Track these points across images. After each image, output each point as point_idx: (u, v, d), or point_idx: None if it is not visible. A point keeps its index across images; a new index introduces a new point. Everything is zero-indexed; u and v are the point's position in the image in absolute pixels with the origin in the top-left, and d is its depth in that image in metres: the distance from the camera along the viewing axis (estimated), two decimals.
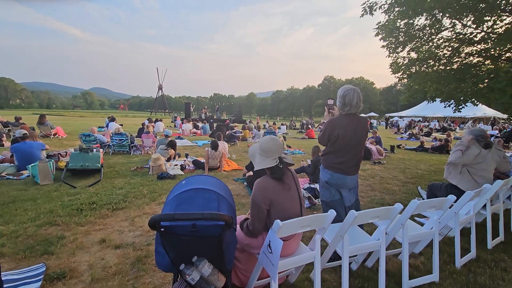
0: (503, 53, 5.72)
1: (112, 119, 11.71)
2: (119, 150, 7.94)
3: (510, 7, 5.18)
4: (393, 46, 6.04)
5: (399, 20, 5.89)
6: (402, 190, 5.01)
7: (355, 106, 2.42)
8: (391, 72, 6.86)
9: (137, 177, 5.37)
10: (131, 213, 3.58)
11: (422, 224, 2.59)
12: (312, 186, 4.74)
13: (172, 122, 25.46)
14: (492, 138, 12.79)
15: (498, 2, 5.05)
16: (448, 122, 29.24)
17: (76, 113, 46.33)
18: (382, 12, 5.76)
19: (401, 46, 6.11)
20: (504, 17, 5.50)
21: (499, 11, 5.25)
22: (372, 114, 48.72)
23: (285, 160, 1.86)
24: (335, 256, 2.19)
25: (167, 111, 59.94)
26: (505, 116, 22.32)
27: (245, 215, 2.29)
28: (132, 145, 8.01)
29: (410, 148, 10.78)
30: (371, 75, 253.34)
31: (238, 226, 2.04)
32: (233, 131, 11.45)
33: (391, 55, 6.26)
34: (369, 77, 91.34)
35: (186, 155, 7.51)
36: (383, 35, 5.89)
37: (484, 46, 5.85)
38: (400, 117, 37.01)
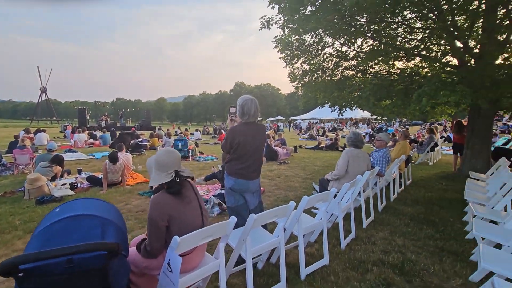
0: (369, 68, 7.22)
1: None
2: None
3: (372, 33, 6.53)
4: (288, 58, 6.79)
5: (293, 36, 6.67)
6: (302, 186, 5.65)
7: (253, 115, 2.58)
8: (289, 81, 7.69)
9: (6, 205, 4.26)
10: None
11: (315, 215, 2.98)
12: (223, 191, 4.80)
13: (61, 132, 21.43)
14: (368, 135, 15.65)
15: (363, 28, 6.33)
16: (338, 123, 34.77)
17: None
18: (278, 27, 6.41)
19: (296, 59, 6.91)
20: (368, 40, 6.94)
21: (364, 36, 6.59)
22: (279, 117, 53.30)
23: (182, 174, 1.81)
24: (242, 259, 2.27)
25: (54, 118, 50.11)
26: (374, 117, 28.16)
27: (143, 235, 2.11)
28: None
29: (310, 148, 12.33)
30: (277, 81, 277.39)
31: (134, 248, 1.86)
32: (139, 140, 10.49)
33: (287, 66, 7.01)
34: (276, 84, 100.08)
35: (79, 171, 6.44)
36: (280, 48, 6.54)
37: (356, 62, 7.23)
38: (303, 119, 41.78)
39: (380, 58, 6.62)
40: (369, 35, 6.40)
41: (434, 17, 5.36)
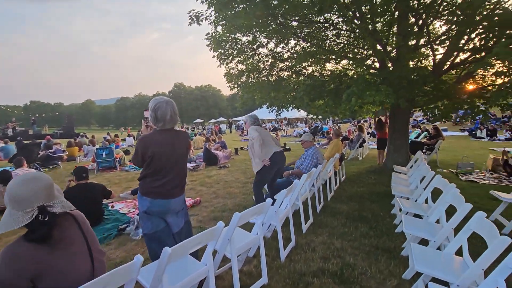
0: (302, 69, 7.37)
1: None
2: None
3: (304, 35, 6.65)
4: (223, 57, 6.45)
5: (227, 34, 6.35)
6: (242, 191, 5.36)
7: (169, 121, 2.14)
8: (226, 82, 7.36)
9: None
10: None
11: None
12: None
13: None
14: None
15: (295, 30, 6.38)
16: (278, 123, 36.00)
17: None
18: (208, 24, 6.01)
19: (230, 57, 6.61)
20: (301, 42, 7.07)
21: (296, 37, 6.67)
22: (222, 119, 52.75)
23: (52, 209, 1.27)
24: None
25: None
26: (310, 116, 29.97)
27: None
28: None
29: None
30: (218, 83, 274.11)
31: None
32: (51, 150, 8.81)
33: (222, 65, 6.67)
34: (217, 85, 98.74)
35: None
36: (213, 46, 6.16)
37: (290, 63, 7.31)
38: (245, 121, 42.03)
39: (312, 60, 6.81)
40: (301, 36, 6.51)
41: (357, 21, 5.70)
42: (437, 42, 5.17)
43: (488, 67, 4.62)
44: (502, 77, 4.45)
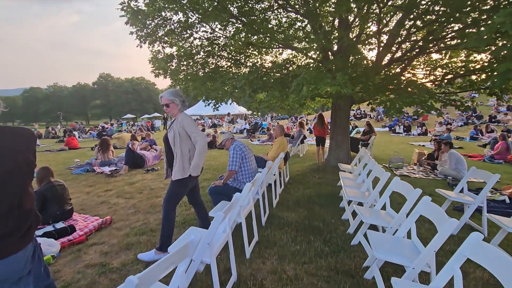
0: (242, 58, 6.62)
1: None
2: None
3: (244, 22, 5.83)
4: (143, 34, 5.21)
5: (152, 9, 5.12)
6: None
7: None
8: (151, 68, 6.09)
9: None
10: None
11: None
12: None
13: None
14: (245, 131, 15.81)
15: (234, 17, 5.51)
16: (217, 119, 34.88)
17: None
18: None
19: (154, 37, 5.41)
20: (241, 29, 6.27)
21: (234, 20, 5.84)
22: (156, 114, 48.84)
23: None
24: None
25: None
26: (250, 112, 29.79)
27: None
28: None
29: None
30: (152, 76, 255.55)
31: None
32: None
33: (142, 44, 5.41)
34: (151, 78, 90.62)
35: None
36: (129, 18, 4.88)
37: (229, 52, 6.46)
38: None
39: (252, 49, 6.13)
40: (240, 19, 5.73)
41: (302, 7, 5.21)
42: (384, 31, 4.95)
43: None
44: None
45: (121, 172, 6.48)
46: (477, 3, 3.70)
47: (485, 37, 2.87)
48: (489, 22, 3.30)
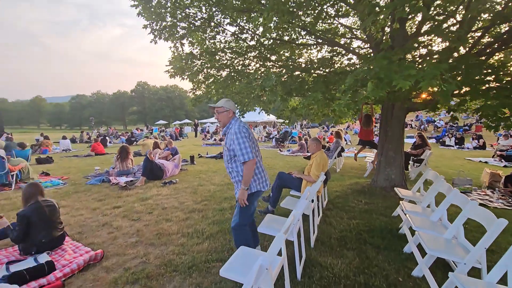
0: (270, 56, 5.73)
1: None
2: None
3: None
4: (158, 28, 4.54)
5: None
6: (181, 228, 3.53)
7: None
8: (169, 68, 5.38)
9: None
10: None
11: None
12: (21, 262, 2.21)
13: None
14: (274, 139, 14.86)
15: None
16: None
17: None
18: None
19: (172, 32, 4.74)
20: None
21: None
22: (187, 121, 49.78)
23: None
24: None
25: None
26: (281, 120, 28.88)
27: None
28: None
29: (211, 156, 10.29)
30: (185, 84, 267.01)
31: None
32: None
33: (156, 40, 4.74)
34: (184, 86, 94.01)
35: None
36: (142, 7, 4.23)
37: (258, 52, 5.63)
38: (212, 123, 39.37)
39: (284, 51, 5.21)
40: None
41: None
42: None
43: None
44: None
45: (137, 184, 5.88)
46: None
47: None
48: None
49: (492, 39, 3.95)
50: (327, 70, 4.20)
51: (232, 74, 5.09)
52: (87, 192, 5.35)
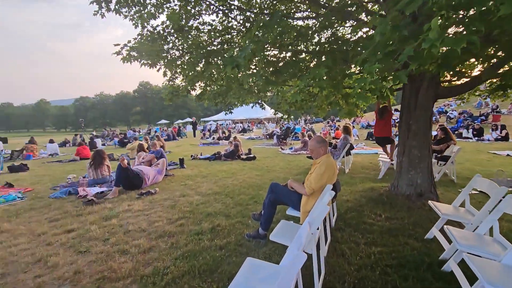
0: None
1: None
2: None
3: None
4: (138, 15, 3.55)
5: None
6: (134, 271, 2.55)
7: None
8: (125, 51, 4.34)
9: None
10: None
11: None
12: None
13: None
14: (276, 136, 13.81)
15: None
16: (247, 123, 33.34)
17: None
18: None
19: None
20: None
21: None
22: (188, 119, 48.92)
23: None
24: None
25: None
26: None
27: None
28: None
29: (205, 157, 9.29)
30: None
31: None
32: None
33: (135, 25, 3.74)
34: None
35: None
36: None
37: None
38: (215, 121, 38.37)
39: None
40: None
41: None
42: None
43: None
44: None
45: (108, 196, 4.95)
46: None
47: None
48: None
49: None
50: (331, 39, 3.14)
51: (202, 51, 3.96)
52: (45, 208, 4.43)
